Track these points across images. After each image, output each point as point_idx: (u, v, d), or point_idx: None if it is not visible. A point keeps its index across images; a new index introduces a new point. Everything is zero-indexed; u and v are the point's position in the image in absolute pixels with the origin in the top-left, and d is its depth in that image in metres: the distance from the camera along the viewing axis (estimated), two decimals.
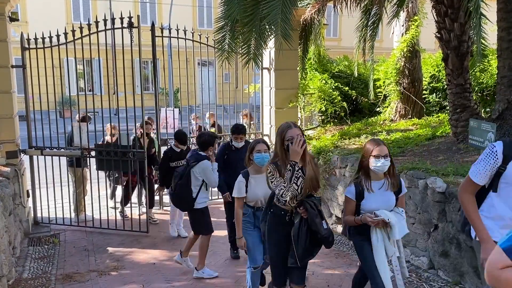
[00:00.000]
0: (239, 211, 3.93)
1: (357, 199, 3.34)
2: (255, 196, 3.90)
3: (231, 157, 5.28)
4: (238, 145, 5.25)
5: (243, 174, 3.94)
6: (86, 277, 4.85)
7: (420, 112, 8.73)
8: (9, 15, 6.08)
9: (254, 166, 3.94)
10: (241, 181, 3.90)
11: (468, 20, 5.74)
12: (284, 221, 3.35)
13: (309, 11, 7.92)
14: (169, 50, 12.32)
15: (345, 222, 3.53)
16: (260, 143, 3.97)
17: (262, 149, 3.89)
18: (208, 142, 4.85)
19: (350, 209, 3.39)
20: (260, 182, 3.80)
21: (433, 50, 12.59)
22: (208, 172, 4.74)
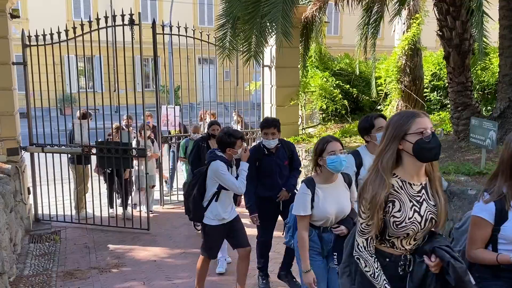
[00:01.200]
0: (304, 235, 3.01)
1: (496, 221, 2.22)
2: (324, 213, 2.99)
3: (265, 163, 4.31)
4: (270, 144, 4.25)
5: (307, 183, 3.02)
6: (87, 274, 4.86)
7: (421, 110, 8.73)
8: (10, 12, 6.08)
9: (323, 173, 3.01)
10: (305, 193, 2.98)
11: (470, 18, 5.72)
12: (392, 274, 2.10)
13: (310, 8, 7.91)
14: (170, 47, 12.30)
15: (472, 258, 2.31)
16: (332, 142, 2.98)
17: (337, 149, 2.94)
18: (222, 141, 3.97)
19: (482, 238, 2.25)
20: (330, 194, 3.00)
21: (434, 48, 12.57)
22: (219, 175, 3.84)
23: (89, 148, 6.28)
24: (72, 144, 6.44)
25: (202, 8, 24.48)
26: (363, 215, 2.04)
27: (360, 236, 2.09)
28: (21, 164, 6.14)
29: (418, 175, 2.05)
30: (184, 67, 7.24)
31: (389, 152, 1.99)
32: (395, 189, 2.02)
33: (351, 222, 2.99)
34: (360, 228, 2.08)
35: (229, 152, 3.96)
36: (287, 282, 4.44)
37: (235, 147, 3.94)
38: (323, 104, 8.45)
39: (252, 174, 4.10)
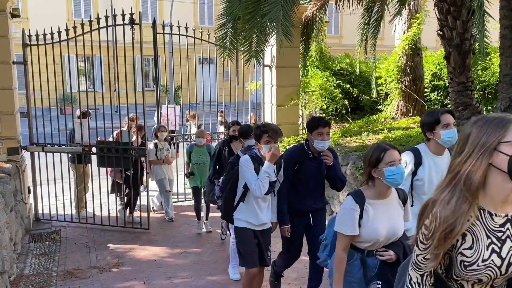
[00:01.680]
0: (343, 255, 2.56)
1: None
2: (373, 233, 2.52)
3: (305, 169, 3.76)
4: (324, 146, 3.61)
5: (356, 197, 2.54)
6: (87, 273, 4.86)
7: (422, 110, 8.72)
8: (10, 12, 6.07)
9: (377, 187, 2.54)
10: (353, 209, 2.51)
11: (471, 18, 5.72)
12: None
13: (310, 8, 7.91)
14: (170, 47, 12.31)
15: None
16: (390, 150, 2.49)
17: (397, 159, 2.48)
18: (254, 134, 3.67)
19: None
20: (382, 212, 2.53)
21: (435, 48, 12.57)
22: (242, 170, 3.57)
23: (89, 148, 6.28)
24: (72, 143, 6.44)
25: (202, 7, 24.48)
26: (422, 245, 1.56)
27: (414, 270, 1.64)
28: (21, 163, 6.14)
29: (505, 202, 1.52)
30: (185, 67, 7.24)
31: (479, 167, 1.45)
32: None
33: (401, 247, 2.58)
34: (415, 261, 1.62)
35: (257, 146, 3.60)
36: None
37: (260, 141, 3.53)
38: (323, 104, 8.44)
39: (288, 179, 3.71)
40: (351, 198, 2.54)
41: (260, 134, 3.53)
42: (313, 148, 3.69)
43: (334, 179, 3.82)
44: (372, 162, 2.49)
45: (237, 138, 4.92)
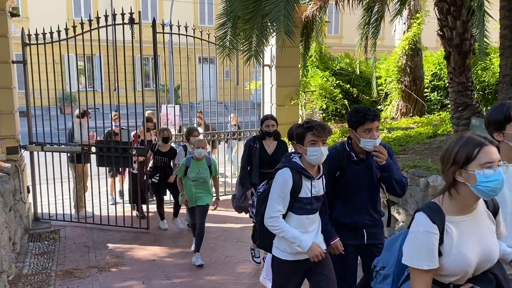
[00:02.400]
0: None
1: None
2: (461, 262, 1.81)
3: (350, 175, 3.04)
4: (370, 146, 2.91)
5: (432, 214, 1.83)
6: (86, 273, 4.85)
7: (422, 110, 8.73)
8: (10, 11, 6.07)
9: (461, 198, 1.83)
10: (430, 232, 1.80)
11: (471, 18, 5.71)
12: None
13: (310, 8, 7.91)
14: (170, 46, 12.30)
15: None
16: (488, 145, 1.78)
17: (496, 159, 1.78)
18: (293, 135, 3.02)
19: None
20: (470, 231, 1.84)
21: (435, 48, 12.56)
22: (272, 186, 2.94)
23: (88, 147, 6.27)
24: (72, 143, 6.44)
25: (202, 7, 24.48)
26: None
27: None
28: (20, 162, 6.13)
29: None
30: (184, 67, 7.23)
31: None
32: None
33: (494, 281, 1.89)
34: None
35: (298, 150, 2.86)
36: None
37: (303, 143, 2.78)
38: (323, 103, 8.44)
39: (328, 190, 3.01)
40: (425, 217, 1.81)
41: (302, 134, 2.78)
42: (359, 149, 2.97)
43: (391, 182, 3.00)
44: (459, 160, 1.78)
45: (271, 134, 4.76)
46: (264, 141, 4.82)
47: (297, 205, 2.83)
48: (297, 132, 2.85)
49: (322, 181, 2.92)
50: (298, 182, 2.79)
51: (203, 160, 5.20)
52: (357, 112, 2.94)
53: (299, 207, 2.84)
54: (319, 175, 2.89)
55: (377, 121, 2.93)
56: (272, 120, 4.85)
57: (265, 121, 4.86)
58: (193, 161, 5.18)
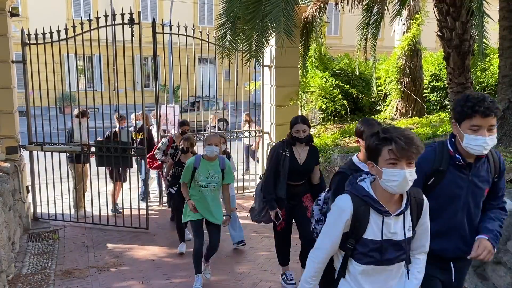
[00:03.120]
0: None
1: None
2: None
3: (450, 185, 2.29)
4: (485, 147, 2.18)
5: None
6: (85, 273, 4.85)
7: (421, 111, 8.74)
8: (9, 10, 6.06)
9: None
10: None
11: (470, 19, 5.72)
12: None
13: (310, 8, 7.91)
14: (170, 46, 12.31)
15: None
16: None
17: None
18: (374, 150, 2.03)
19: None
20: None
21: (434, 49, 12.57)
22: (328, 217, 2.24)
23: (88, 147, 6.27)
24: (71, 142, 6.44)
25: (202, 7, 24.49)
26: None
27: None
28: (20, 162, 6.13)
29: None
30: (184, 67, 7.24)
31: None
32: None
33: None
34: None
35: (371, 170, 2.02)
36: None
37: (377, 161, 1.94)
38: (322, 104, 8.45)
39: None
40: None
41: (377, 148, 1.92)
42: (464, 150, 2.25)
43: (499, 198, 2.37)
44: None
45: (302, 141, 4.04)
46: (294, 147, 4.10)
47: (360, 250, 2.01)
48: (369, 143, 1.97)
49: (405, 219, 2.00)
50: (363, 217, 1.98)
51: (215, 161, 4.38)
52: (466, 101, 2.18)
53: (362, 253, 2.00)
54: (399, 209, 1.98)
55: (493, 117, 2.15)
56: (303, 125, 4.02)
57: (295, 125, 4.04)
58: (203, 161, 4.36)
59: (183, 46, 7.10)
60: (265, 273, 4.83)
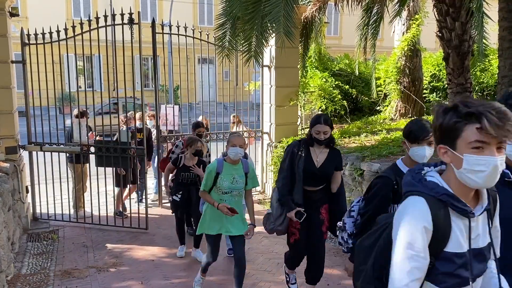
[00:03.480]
0: None
1: None
2: None
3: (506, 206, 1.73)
4: None
5: None
6: (84, 273, 4.85)
7: (421, 111, 8.74)
8: (9, 10, 6.06)
9: None
10: None
11: (470, 20, 5.73)
12: None
13: (310, 9, 7.91)
14: (170, 47, 12.32)
15: None
16: None
17: None
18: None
19: None
20: None
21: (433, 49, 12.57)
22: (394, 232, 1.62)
23: (87, 147, 6.27)
24: (71, 142, 6.43)
25: (202, 7, 24.49)
26: None
27: None
28: (19, 162, 6.13)
29: None
30: (184, 67, 7.24)
31: None
32: None
33: None
34: None
35: None
36: None
37: (455, 145, 1.46)
38: (322, 104, 8.45)
39: None
40: None
41: (457, 127, 1.43)
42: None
43: None
44: None
45: (322, 142, 3.57)
46: (312, 148, 3.66)
47: (441, 269, 1.50)
48: (444, 121, 1.45)
49: (488, 220, 1.57)
50: (444, 223, 1.48)
51: (239, 164, 3.92)
52: None
53: (445, 273, 1.50)
54: (480, 207, 1.53)
55: None
56: (325, 126, 3.54)
57: (316, 125, 3.57)
58: (226, 164, 3.89)
59: (183, 46, 7.10)
60: (265, 274, 4.83)
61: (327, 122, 3.57)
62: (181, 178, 5.13)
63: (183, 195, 5.14)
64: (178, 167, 5.16)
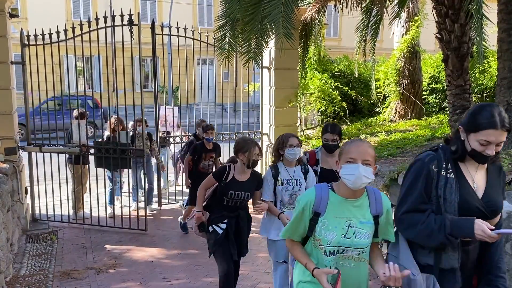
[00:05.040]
0: None
1: None
2: None
3: None
4: None
5: None
6: (83, 274, 4.85)
7: (420, 113, 8.75)
8: (9, 11, 6.07)
9: None
10: None
11: (469, 21, 5.74)
12: None
13: (309, 10, 7.93)
14: (169, 48, 12.32)
15: None
16: None
17: None
18: None
19: None
20: None
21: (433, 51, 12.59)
22: None
23: (87, 148, 6.27)
24: (70, 143, 6.43)
25: (201, 9, 24.51)
26: None
27: None
28: (18, 163, 6.13)
29: None
30: (183, 68, 7.24)
31: None
32: None
33: None
34: None
35: None
36: None
37: None
38: (321, 105, 8.46)
39: None
40: None
41: None
42: None
43: None
44: None
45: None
46: (462, 164, 2.19)
47: None
48: None
49: None
50: None
51: (362, 197, 2.23)
52: None
53: None
54: None
55: None
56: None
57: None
58: (334, 196, 2.22)
59: (183, 48, 7.10)
60: (264, 275, 4.83)
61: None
62: (227, 200, 3.65)
63: (229, 223, 3.65)
64: (225, 182, 3.60)
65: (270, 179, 3.67)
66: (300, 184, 3.67)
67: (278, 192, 3.67)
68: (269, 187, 3.66)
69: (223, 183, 3.61)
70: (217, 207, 3.70)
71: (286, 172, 3.68)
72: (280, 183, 3.65)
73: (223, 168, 3.69)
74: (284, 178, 3.66)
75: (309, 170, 3.73)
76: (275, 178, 3.66)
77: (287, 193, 3.66)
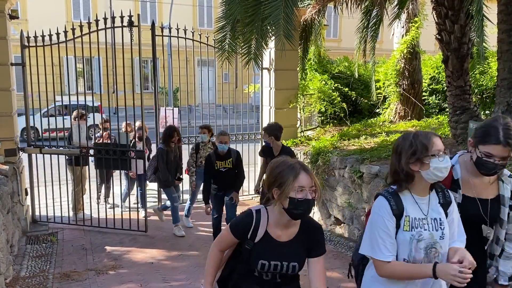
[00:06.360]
0: None
1: None
2: None
3: None
4: None
5: None
6: (83, 276, 4.84)
7: (420, 114, 8.75)
8: (9, 13, 6.07)
9: None
10: None
11: (469, 22, 5.74)
12: None
13: (309, 11, 7.93)
14: (169, 49, 12.33)
15: None
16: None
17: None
18: None
19: None
20: None
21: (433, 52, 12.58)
22: None
23: (87, 149, 6.27)
24: (70, 145, 6.43)
25: (201, 10, 24.54)
26: None
27: None
28: (18, 165, 6.12)
29: None
30: (183, 69, 7.24)
31: None
32: None
33: None
34: None
35: None
36: None
37: None
38: (321, 106, 8.45)
39: None
40: None
41: None
42: None
43: None
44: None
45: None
46: None
47: None
48: None
49: None
50: None
51: None
52: None
53: None
54: None
55: None
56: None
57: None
58: None
59: (183, 49, 7.10)
60: None
61: None
62: (260, 271, 2.21)
63: None
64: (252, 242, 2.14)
65: (390, 217, 2.00)
66: (442, 225, 2.03)
67: (403, 242, 2.00)
68: (389, 235, 2.00)
69: (248, 245, 2.12)
70: (244, 281, 2.21)
71: (415, 204, 2.04)
72: (408, 226, 2.00)
73: (248, 217, 2.15)
74: (413, 217, 2.02)
75: (451, 200, 2.11)
76: (398, 217, 2.01)
77: (420, 244, 2.00)
